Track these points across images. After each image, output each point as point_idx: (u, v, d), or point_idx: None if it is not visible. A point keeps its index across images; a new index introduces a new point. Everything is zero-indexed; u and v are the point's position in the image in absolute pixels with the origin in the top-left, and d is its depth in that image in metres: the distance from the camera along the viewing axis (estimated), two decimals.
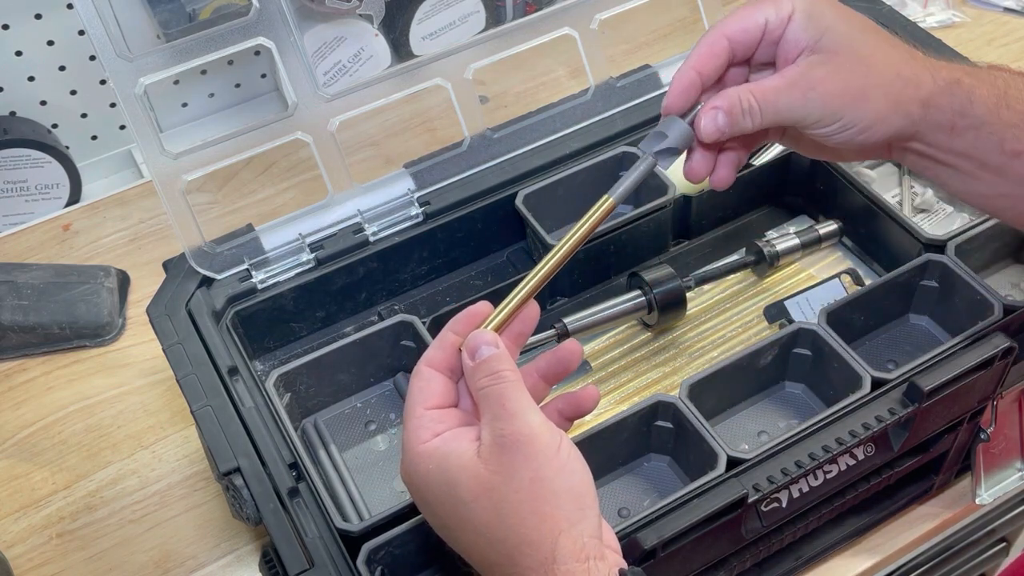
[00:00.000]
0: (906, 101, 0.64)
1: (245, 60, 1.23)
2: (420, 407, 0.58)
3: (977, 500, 0.85)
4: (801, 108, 0.63)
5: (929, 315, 0.85)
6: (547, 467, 0.53)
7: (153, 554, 0.85)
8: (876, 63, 0.64)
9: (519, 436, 0.54)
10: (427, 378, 0.59)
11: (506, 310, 0.60)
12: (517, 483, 0.53)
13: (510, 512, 0.53)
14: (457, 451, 0.55)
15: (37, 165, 1.12)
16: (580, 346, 0.61)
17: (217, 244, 0.83)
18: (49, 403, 0.95)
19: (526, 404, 0.55)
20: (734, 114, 0.63)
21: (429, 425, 0.57)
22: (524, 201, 0.88)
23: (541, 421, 0.55)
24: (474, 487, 0.54)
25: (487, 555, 0.55)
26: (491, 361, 0.57)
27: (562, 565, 0.53)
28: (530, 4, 1.20)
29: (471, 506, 0.54)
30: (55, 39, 1.11)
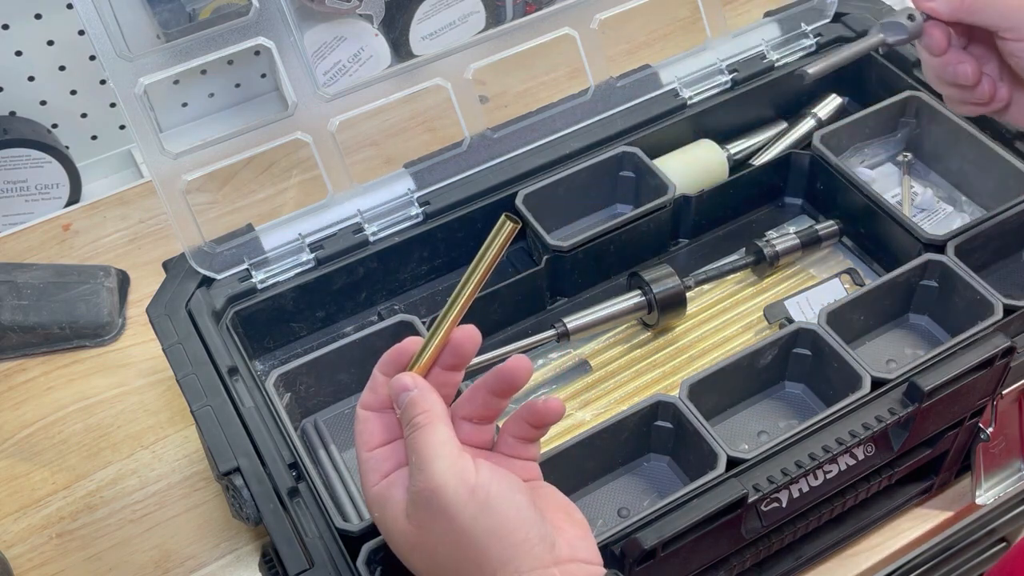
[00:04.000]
0: None
1: (245, 60, 1.23)
2: (363, 450, 0.59)
3: (977, 500, 0.85)
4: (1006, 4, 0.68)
5: (929, 315, 0.85)
6: (461, 516, 0.54)
7: (153, 554, 0.85)
8: None
9: (427, 491, 0.54)
10: (363, 420, 0.60)
11: (430, 348, 0.59)
12: (436, 538, 0.55)
13: (442, 565, 0.55)
14: (392, 501, 0.57)
15: (37, 165, 1.12)
16: (528, 362, 0.58)
17: (217, 244, 0.83)
18: (49, 403, 0.95)
19: (434, 452, 0.55)
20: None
21: (375, 467, 0.58)
22: (524, 201, 0.88)
23: (446, 468, 0.54)
24: (406, 543, 0.56)
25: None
26: (408, 408, 0.57)
27: None
28: (530, 4, 1.20)
29: (410, 556, 0.57)
30: (55, 39, 1.11)
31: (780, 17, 1.00)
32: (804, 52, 0.99)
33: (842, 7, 1.01)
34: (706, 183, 0.92)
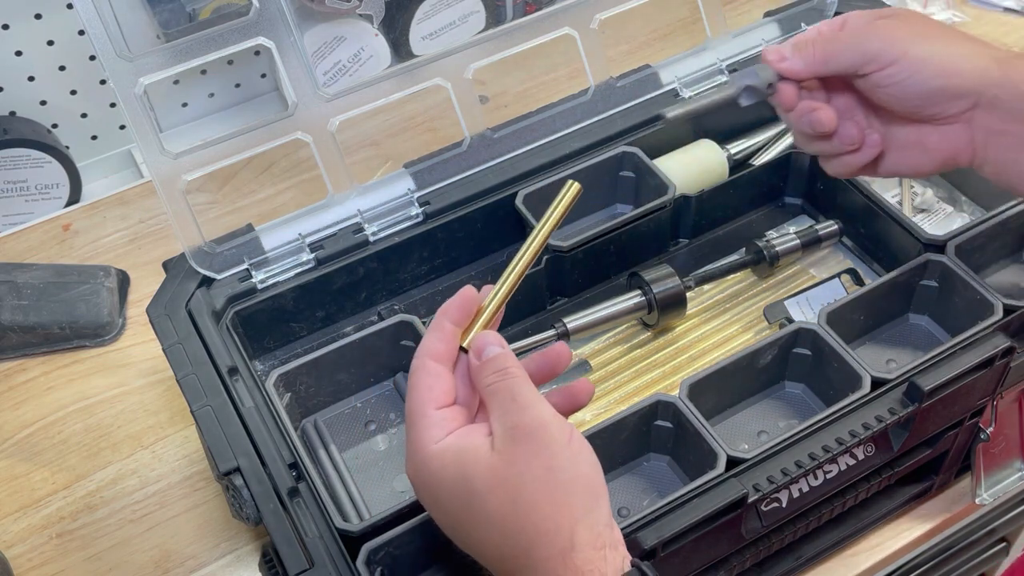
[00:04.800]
0: (979, 55, 0.65)
1: (245, 60, 1.23)
2: (431, 407, 0.57)
3: (977, 500, 0.85)
4: (860, 40, 0.66)
5: (929, 315, 0.85)
6: (560, 456, 0.54)
7: (153, 554, 0.85)
8: (940, 27, 0.67)
9: (531, 426, 0.54)
10: (435, 374, 0.58)
11: (497, 298, 0.61)
12: (532, 473, 0.54)
13: (526, 502, 0.54)
14: (472, 446, 0.55)
15: (37, 165, 1.12)
16: (568, 349, 0.61)
17: (217, 244, 0.83)
18: (49, 403, 0.95)
19: (535, 397, 0.56)
20: (797, 41, 0.68)
21: (441, 423, 0.57)
22: (524, 201, 0.88)
23: (551, 412, 0.55)
24: (489, 479, 0.54)
25: (501, 548, 0.55)
26: (498, 359, 0.57)
27: (579, 553, 0.53)
28: (530, 4, 1.20)
29: (487, 498, 0.54)
30: (55, 39, 1.11)
31: (780, 17, 1.00)
32: None
33: (842, 7, 1.00)
34: (706, 183, 0.92)
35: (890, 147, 0.71)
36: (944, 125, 0.68)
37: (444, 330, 0.59)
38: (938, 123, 0.68)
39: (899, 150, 0.71)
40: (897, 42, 0.65)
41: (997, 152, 0.67)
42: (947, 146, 0.69)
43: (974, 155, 0.68)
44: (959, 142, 0.68)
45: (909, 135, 0.70)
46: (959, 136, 0.68)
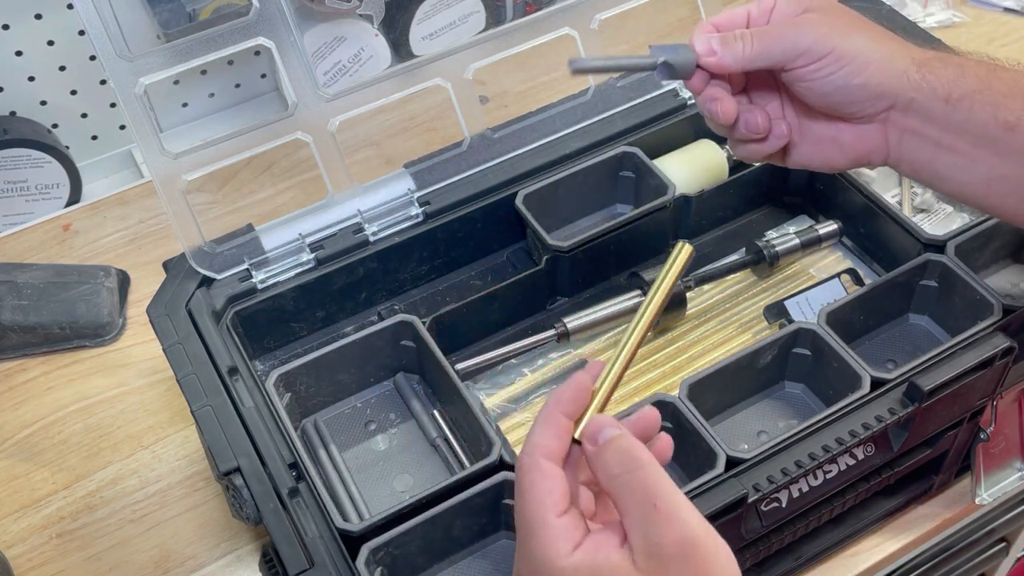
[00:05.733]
0: (900, 56, 0.65)
1: (245, 60, 1.23)
2: (552, 514, 0.51)
3: (977, 500, 0.85)
4: (791, 35, 0.64)
5: (929, 315, 0.85)
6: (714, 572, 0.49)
7: (153, 554, 0.85)
8: (866, 21, 0.66)
9: (682, 545, 0.48)
10: (552, 476, 0.52)
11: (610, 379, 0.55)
12: None
13: None
14: (609, 564, 0.49)
15: (37, 165, 1.12)
16: (657, 412, 0.56)
17: (217, 244, 0.83)
18: (49, 403, 0.95)
19: (679, 500, 0.49)
20: (726, 36, 0.66)
21: (566, 534, 0.51)
22: (524, 201, 0.88)
23: (699, 522, 0.49)
24: None
25: None
26: (621, 443, 0.51)
27: None
28: (530, 4, 1.20)
29: None
30: (55, 39, 1.11)
31: None
32: None
33: None
34: (706, 183, 0.92)
35: (803, 139, 0.70)
36: (860, 124, 0.68)
37: (558, 424, 0.53)
38: (854, 121, 0.68)
39: (812, 143, 0.70)
40: (826, 37, 0.64)
41: (912, 153, 0.67)
42: (862, 144, 0.68)
43: (888, 154, 0.68)
44: (874, 141, 0.68)
45: (824, 130, 0.69)
46: (874, 135, 0.67)
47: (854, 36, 0.64)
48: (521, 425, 0.82)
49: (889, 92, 0.65)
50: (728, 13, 0.69)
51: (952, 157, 0.66)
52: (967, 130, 0.64)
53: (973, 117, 0.64)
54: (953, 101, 0.64)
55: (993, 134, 0.64)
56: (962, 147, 0.65)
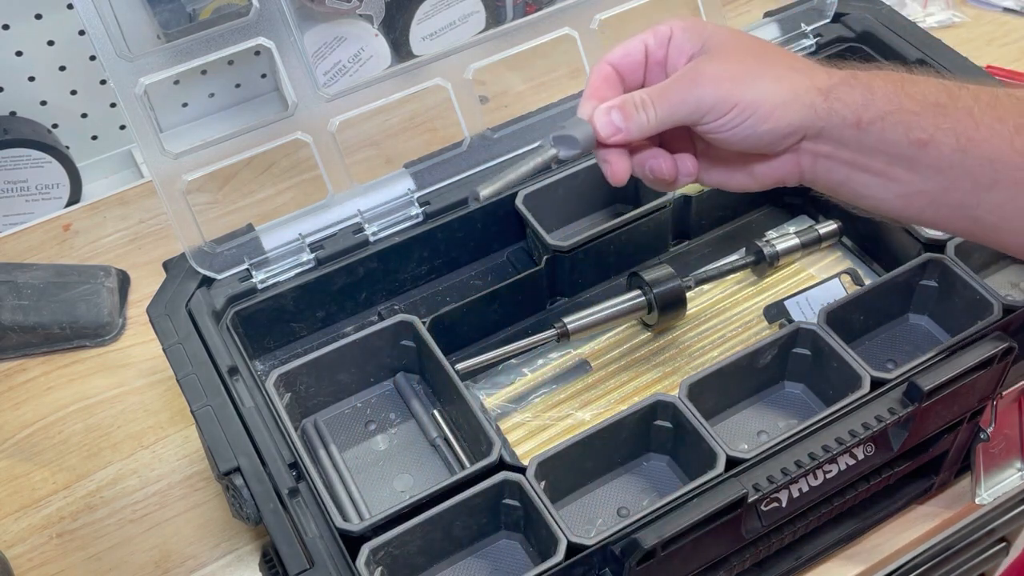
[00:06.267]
0: (804, 90, 0.63)
1: (245, 60, 1.23)
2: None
3: (977, 500, 0.85)
4: (694, 95, 0.63)
5: (929, 315, 0.85)
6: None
7: (153, 554, 0.85)
8: (766, 55, 0.65)
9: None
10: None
11: None
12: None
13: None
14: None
15: (37, 165, 1.12)
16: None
17: (217, 244, 0.83)
18: (49, 403, 0.95)
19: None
20: (627, 108, 0.63)
21: None
22: (524, 201, 0.88)
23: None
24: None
25: None
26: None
27: None
28: (530, 4, 1.20)
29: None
30: (55, 39, 1.11)
31: (780, 17, 1.00)
32: (804, 52, 0.99)
33: (842, 7, 1.00)
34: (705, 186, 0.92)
35: (712, 167, 0.68)
36: (771, 158, 0.66)
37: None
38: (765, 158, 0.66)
39: (723, 174, 0.68)
40: (728, 93, 0.62)
41: (826, 174, 0.66)
42: (774, 172, 0.67)
43: (802, 177, 0.67)
44: (786, 168, 0.66)
45: (735, 161, 0.67)
46: (786, 163, 0.66)
47: (757, 83, 0.63)
48: (521, 425, 0.82)
49: (798, 128, 0.63)
50: (624, 48, 0.67)
51: (867, 176, 0.65)
52: (880, 150, 0.63)
53: (885, 138, 0.63)
54: (864, 125, 0.63)
55: (907, 153, 0.63)
56: (876, 166, 0.64)
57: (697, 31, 0.65)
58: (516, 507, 0.71)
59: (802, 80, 0.63)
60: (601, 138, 0.64)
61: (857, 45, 0.99)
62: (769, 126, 0.63)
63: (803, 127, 0.63)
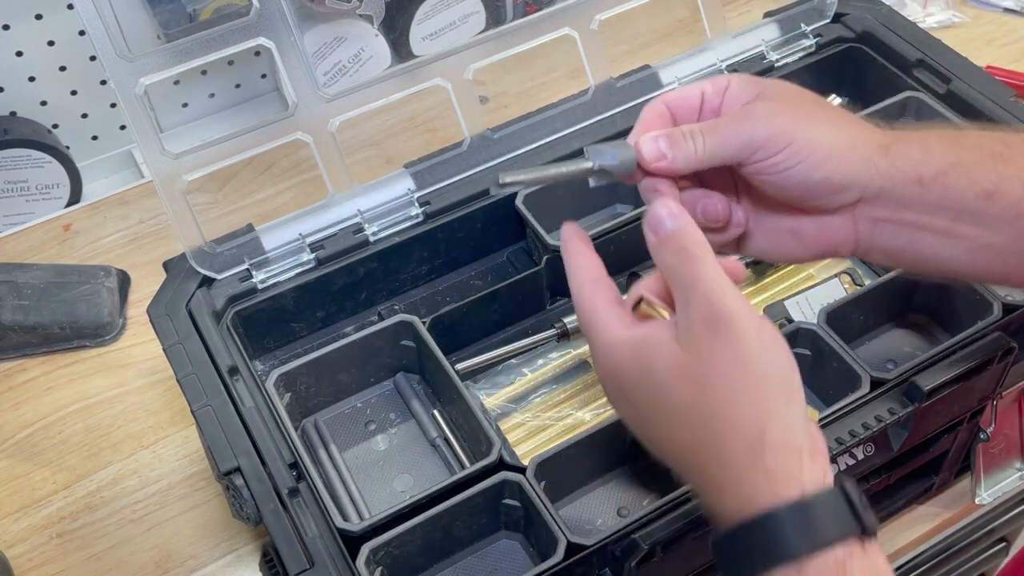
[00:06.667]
0: (863, 143, 0.60)
1: (245, 60, 1.23)
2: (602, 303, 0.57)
3: (977, 500, 0.85)
4: (746, 129, 0.59)
5: (929, 315, 0.85)
6: (750, 349, 0.52)
7: (153, 554, 0.85)
8: (824, 105, 0.62)
9: (716, 317, 0.52)
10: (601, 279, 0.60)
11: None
12: (719, 366, 0.52)
13: (714, 395, 0.52)
14: (653, 337, 0.54)
15: (37, 165, 1.12)
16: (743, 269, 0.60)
17: (217, 244, 0.83)
18: (49, 403, 0.95)
19: (719, 283, 0.53)
20: (675, 136, 0.60)
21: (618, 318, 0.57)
22: (524, 201, 0.88)
23: (738, 301, 0.53)
24: (674, 371, 0.53)
25: (689, 439, 0.53)
26: (676, 236, 0.55)
27: (770, 453, 0.51)
28: (530, 4, 1.20)
29: (671, 389, 0.53)
30: (55, 39, 1.11)
31: (780, 17, 1.00)
32: (804, 52, 0.99)
33: (842, 7, 1.01)
34: None
35: (759, 229, 0.64)
36: (825, 216, 0.61)
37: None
38: (818, 214, 0.61)
39: (770, 235, 0.63)
40: (783, 129, 0.58)
41: (886, 240, 0.62)
42: (827, 237, 0.62)
43: (857, 245, 0.62)
44: (840, 234, 0.62)
45: (784, 222, 0.63)
46: (841, 227, 0.61)
47: (814, 126, 0.59)
48: (521, 425, 0.82)
49: (856, 184, 0.59)
50: (681, 91, 0.62)
51: (931, 237, 0.61)
52: (944, 207, 0.60)
53: (949, 193, 0.60)
54: (926, 182, 0.60)
55: (972, 206, 0.60)
56: (941, 225, 0.60)
57: (754, 82, 0.62)
58: (516, 507, 0.71)
59: (860, 132, 0.60)
60: (645, 163, 0.60)
61: (857, 45, 0.99)
62: (823, 175, 0.59)
63: (860, 184, 0.60)
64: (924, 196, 0.60)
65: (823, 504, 0.50)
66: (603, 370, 0.57)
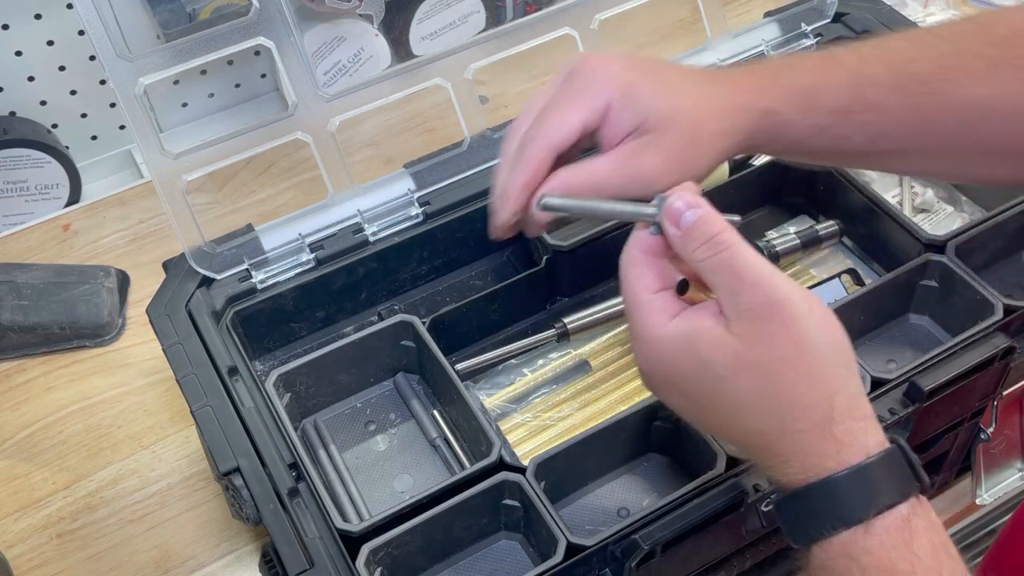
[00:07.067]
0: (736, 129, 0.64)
1: (245, 60, 1.23)
2: (645, 293, 0.56)
3: (977, 500, 0.85)
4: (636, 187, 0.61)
5: (929, 315, 0.85)
6: (806, 329, 0.52)
7: (153, 554, 0.85)
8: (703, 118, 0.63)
9: (769, 306, 0.52)
10: (642, 262, 0.57)
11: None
12: (779, 351, 0.52)
13: (778, 381, 0.53)
14: (703, 329, 0.54)
15: (37, 165, 1.12)
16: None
17: (217, 244, 0.83)
18: (49, 403, 0.95)
19: (762, 268, 0.53)
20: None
21: (663, 308, 0.56)
22: None
23: (786, 284, 0.53)
24: (732, 363, 0.53)
25: (752, 425, 0.54)
26: (701, 226, 0.55)
27: (839, 424, 0.52)
28: (530, 4, 1.20)
29: (731, 382, 0.53)
30: (55, 39, 1.11)
31: (780, 17, 1.00)
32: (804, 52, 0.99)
33: (842, 7, 1.00)
34: (706, 183, 0.92)
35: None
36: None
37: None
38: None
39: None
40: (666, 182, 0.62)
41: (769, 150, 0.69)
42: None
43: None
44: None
45: None
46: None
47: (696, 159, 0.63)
48: (521, 425, 0.82)
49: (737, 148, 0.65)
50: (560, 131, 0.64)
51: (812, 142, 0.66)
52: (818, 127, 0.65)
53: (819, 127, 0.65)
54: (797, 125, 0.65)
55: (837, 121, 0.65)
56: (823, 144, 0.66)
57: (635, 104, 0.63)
58: (516, 507, 0.71)
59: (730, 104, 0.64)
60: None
61: None
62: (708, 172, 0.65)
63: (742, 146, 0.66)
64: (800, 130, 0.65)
65: (886, 465, 0.52)
66: (648, 363, 0.57)
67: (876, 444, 0.53)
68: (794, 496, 0.54)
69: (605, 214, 0.61)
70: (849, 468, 0.52)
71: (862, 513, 0.51)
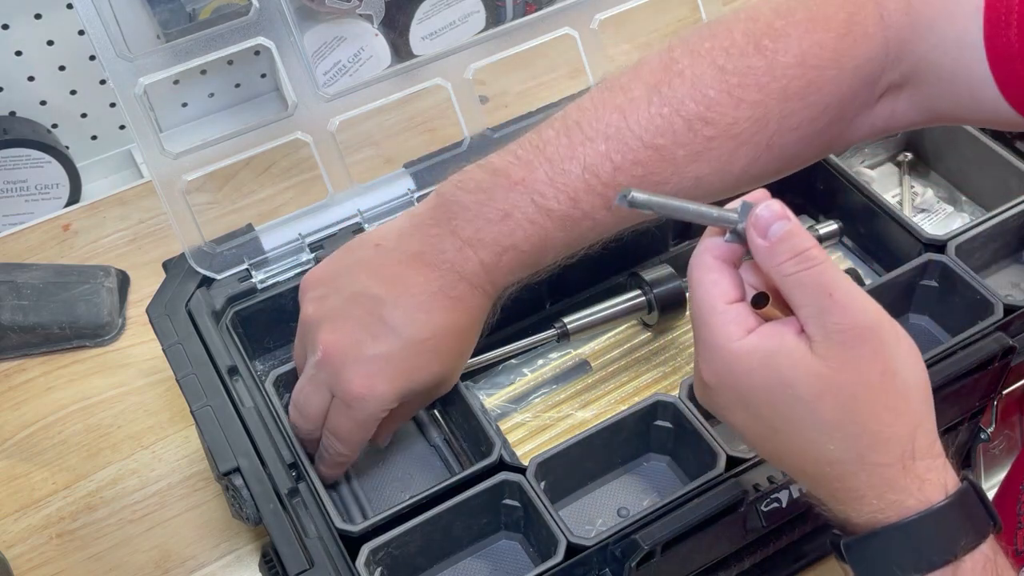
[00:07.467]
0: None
1: (245, 60, 1.23)
2: (721, 302, 0.52)
3: None
4: None
5: (929, 315, 0.85)
6: (895, 359, 0.51)
7: (153, 554, 0.85)
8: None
9: (861, 329, 0.50)
10: (718, 269, 0.53)
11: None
12: (867, 379, 0.50)
13: (862, 409, 0.50)
14: (785, 348, 0.51)
15: (37, 165, 1.12)
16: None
17: (217, 244, 0.83)
18: (49, 403, 0.95)
19: (854, 290, 0.50)
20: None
21: (738, 320, 0.52)
22: None
23: (878, 311, 0.51)
24: (816, 385, 0.50)
25: (828, 453, 0.52)
26: (792, 239, 0.50)
27: (920, 460, 0.51)
28: (530, 4, 1.20)
29: (813, 405, 0.51)
30: (55, 39, 1.11)
31: None
32: None
33: None
34: None
35: None
36: None
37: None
38: None
39: None
40: None
41: None
42: None
43: None
44: None
45: None
46: None
47: None
48: (521, 425, 0.82)
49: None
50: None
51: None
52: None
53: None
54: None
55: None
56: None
57: None
58: (516, 507, 0.71)
59: None
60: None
61: None
62: None
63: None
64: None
65: (964, 504, 0.52)
66: (718, 376, 0.53)
67: (953, 483, 0.52)
68: (871, 537, 0.52)
69: (688, 214, 0.56)
70: (931, 507, 0.51)
71: (948, 555, 0.50)
